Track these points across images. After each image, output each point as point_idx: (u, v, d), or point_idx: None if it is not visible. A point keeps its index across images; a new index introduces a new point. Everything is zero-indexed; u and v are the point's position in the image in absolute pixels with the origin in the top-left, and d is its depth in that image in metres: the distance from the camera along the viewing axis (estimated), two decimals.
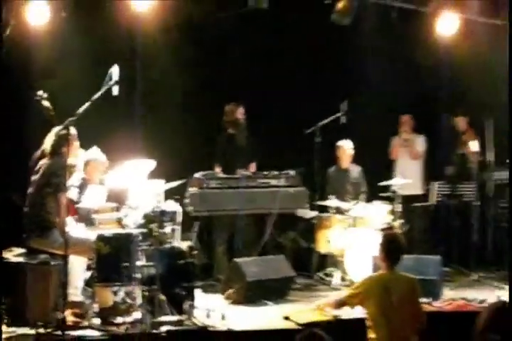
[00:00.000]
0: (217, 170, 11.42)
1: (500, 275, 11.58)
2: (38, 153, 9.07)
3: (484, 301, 9.48)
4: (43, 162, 8.89)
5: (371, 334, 7.41)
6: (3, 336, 8.02)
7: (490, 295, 9.68)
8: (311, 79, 12.53)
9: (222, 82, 12.18)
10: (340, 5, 11.63)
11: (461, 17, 12.08)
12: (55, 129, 8.82)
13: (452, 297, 10.18)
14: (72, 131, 8.66)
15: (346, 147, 12.12)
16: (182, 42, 11.88)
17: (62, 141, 8.69)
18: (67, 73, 10.22)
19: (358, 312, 9.11)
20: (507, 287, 10.73)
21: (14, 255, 8.69)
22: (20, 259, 8.58)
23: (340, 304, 7.80)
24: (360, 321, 8.70)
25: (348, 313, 9.01)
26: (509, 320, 4.72)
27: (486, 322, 4.74)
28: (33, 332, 8.11)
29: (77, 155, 9.32)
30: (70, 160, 8.62)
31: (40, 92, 8.82)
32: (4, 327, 8.21)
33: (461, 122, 12.72)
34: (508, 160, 11.43)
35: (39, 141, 9.00)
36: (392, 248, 7.70)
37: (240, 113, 11.66)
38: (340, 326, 8.68)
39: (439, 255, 11.15)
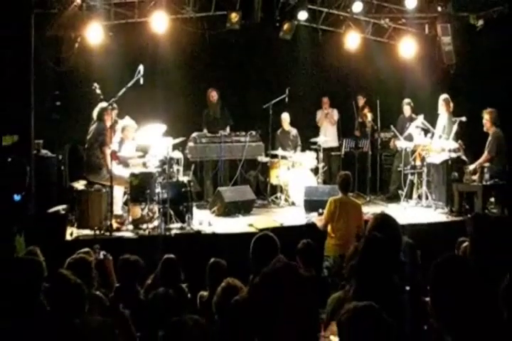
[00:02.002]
0: (205, 131, 11.43)
1: (384, 197, 11.79)
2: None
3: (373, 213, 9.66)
4: (92, 127, 8.94)
5: (329, 232, 7.62)
6: (74, 235, 8.16)
7: (377, 210, 9.81)
8: (267, 75, 12.53)
9: (211, 75, 12.16)
10: (285, 26, 11.65)
11: (360, 36, 12.08)
12: (99, 105, 8.87)
13: None
14: (113, 105, 8.68)
15: (286, 117, 12.09)
16: (187, 52, 11.87)
17: (103, 111, 8.77)
18: (112, 72, 10.16)
19: (294, 222, 9.32)
20: (389, 204, 10.97)
21: (80, 185, 8.77)
22: (84, 188, 8.67)
23: (325, 224, 7.85)
24: (296, 228, 8.92)
25: (288, 222, 9.18)
26: (386, 223, 4.73)
27: (372, 225, 4.75)
28: (92, 233, 8.25)
29: (117, 122, 9.40)
30: (108, 125, 8.72)
31: (95, 84, 8.89)
32: (74, 229, 8.35)
33: (360, 101, 12.74)
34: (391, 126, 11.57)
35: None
36: (345, 182, 7.89)
37: (213, 95, 11.67)
38: (285, 230, 8.74)
39: None
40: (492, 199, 9.97)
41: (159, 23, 10.55)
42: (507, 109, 10.17)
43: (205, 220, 9.13)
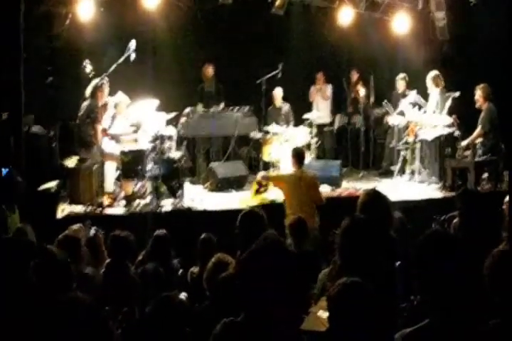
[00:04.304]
0: (200, 106, 11.37)
1: (377, 173, 11.78)
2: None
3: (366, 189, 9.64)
4: (84, 103, 8.89)
5: (287, 211, 7.55)
6: (66, 212, 8.15)
7: (370, 185, 9.80)
8: (260, 51, 12.39)
9: (204, 50, 12.06)
10: (277, 1, 11.52)
11: (354, 11, 11.96)
12: (93, 81, 8.79)
13: (347, 187, 10.36)
14: (105, 81, 8.63)
15: (279, 92, 11.98)
16: (179, 28, 11.74)
17: (96, 89, 8.71)
18: (104, 48, 10.09)
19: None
20: (382, 180, 10.98)
21: (71, 162, 8.74)
22: (75, 165, 8.64)
23: (267, 181, 7.89)
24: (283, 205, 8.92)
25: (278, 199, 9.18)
26: (377, 200, 4.69)
27: (362, 202, 4.72)
28: (83, 209, 8.24)
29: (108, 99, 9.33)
30: (101, 102, 8.65)
31: (86, 61, 8.81)
32: (66, 205, 8.34)
33: (354, 76, 12.65)
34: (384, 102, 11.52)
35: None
36: (299, 155, 7.86)
37: (209, 70, 11.59)
38: (273, 206, 8.73)
39: (340, 160, 11.33)
40: (485, 175, 9.97)
41: None
42: (500, 84, 10.12)
43: (197, 197, 9.12)
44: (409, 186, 10.35)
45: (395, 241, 4.59)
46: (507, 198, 6.31)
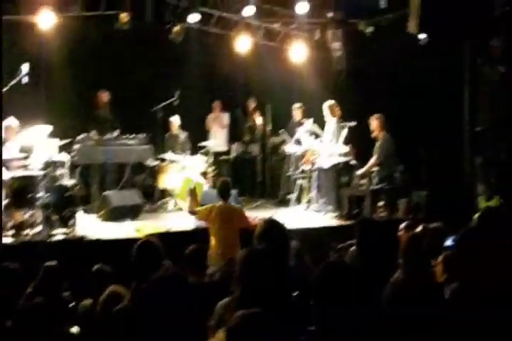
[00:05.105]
0: (93, 133, 11.14)
1: (274, 202, 11.86)
2: None
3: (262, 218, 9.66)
4: None
5: (212, 242, 7.48)
6: None
7: (267, 214, 9.81)
8: (156, 77, 12.32)
9: (99, 76, 11.88)
10: (175, 28, 11.51)
11: (251, 40, 12.11)
12: None
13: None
14: None
15: (176, 120, 11.95)
16: (74, 52, 11.56)
17: None
18: None
19: (183, 227, 9.23)
20: (279, 209, 11.04)
21: None
22: None
23: (193, 212, 7.78)
24: (182, 233, 8.85)
25: (177, 227, 9.10)
26: (273, 229, 4.68)
27: (259, 231, 4.71)
28: None
29: None
30: None
31: None
32: None
33: (251, 105, 12.78)
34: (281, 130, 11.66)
35: None
36: (224, 190, 7.81)
37: (104, 96, 11.45)
38: (173, 235, 8.69)
39: (237, 189, 11.34)
40: (381, 203, 10.21)
41: (45, 20, 10.18)
42: (394, 114, 10.47)
43: (90, 226, 8.91)
44: (306, 215, 10.46)
45: (293, 270, 4.59)
46: (402, 225, 6.49)
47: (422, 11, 8.54)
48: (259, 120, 12.25)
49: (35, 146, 9.11)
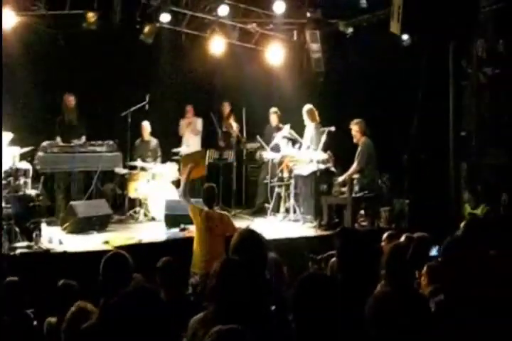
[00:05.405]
0: (58, 140, 11.07)
1: (250, 211, 11.85)
2: None
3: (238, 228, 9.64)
4: None
5: (196, 248, 7.47)
6: None
7: (243, 224, 9.79)
8: (126, 80, 12.25)
9: (65, 79, 11.79)
10: (146, 29, 11.50)
11: (226, 41, 12.12)
12: None
13: None
14: None
15: (147, 126, 11.91)
16: (37, 53, 11.50)
17: None
18: None
19: (155, 238, 9.19)
20: (256, 218, 11.03)
21: None
22: None
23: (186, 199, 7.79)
24: (154, 245, 8.81)
25: (148, 238, 9.06)
26: (250, 240, 4.65)
27: (235, 242, 4.69)
28: None
29: None
30: None
31: None
32: None
33: (226, 109, 12.79)
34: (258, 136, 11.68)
35: None
36: (210, 195, 7.80)
37: (70, 100, 11.34)
38: (144, 247, 8.64)
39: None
40: (362, 212, 10.25)
41: (6, 19, 10.11)
42: (376, 118, 10.51)
43: (55, 238, 8.82)
44: (283, 225, 10.46)
45: (270, 283, 4.57)
46: (385, 235, 6.51)
47: (405, 10, 8.57)
48: (234, 125, 12.25)
49: None
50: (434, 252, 6.21)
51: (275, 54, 12.27)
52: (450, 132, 10.53)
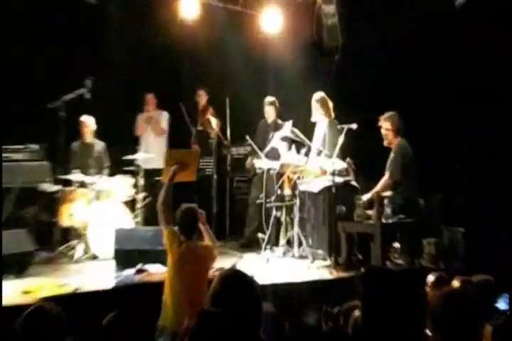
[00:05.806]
0: None
1: (237, 243, 11.81)
2: None
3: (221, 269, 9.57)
4: None
5: (167, 292, 7.34)
6: None
7: (226, 263, 9.74)
8: (58, 56, 12.12)
9: None
10: None
11: (201, 1, 12.09)
12: None
13: None
14: None
15: (89, 122, 11.88)
16: None
17: None
18: None
19: (98, 285, 9.12)
20: (245, 254, 10.98)
21: None
22: None
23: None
24: (97, 295, 8.75)
25: (88, 286, 8.99)
26: (237, 285, 4.63)
27: (215, 289, 4.64)
28: None
29: None
30: None
31: None
32: None
33: (201, 99, 12.79)
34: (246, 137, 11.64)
35: None
36: (187, 223, 7.70)
37: None
38: (83, 298, 8.55)
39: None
40: (396, 245, 10.19)
41: None
42: (414, 112, 10.47)
43: None
44: (284, 263, 10.42)
45: None
46: (431, 278, 6.47)
47: None
48: (213, 121, 12.23)
49: None
50: (501, 304, 6.17)
51: (271, 20, 12.25)
52: None
